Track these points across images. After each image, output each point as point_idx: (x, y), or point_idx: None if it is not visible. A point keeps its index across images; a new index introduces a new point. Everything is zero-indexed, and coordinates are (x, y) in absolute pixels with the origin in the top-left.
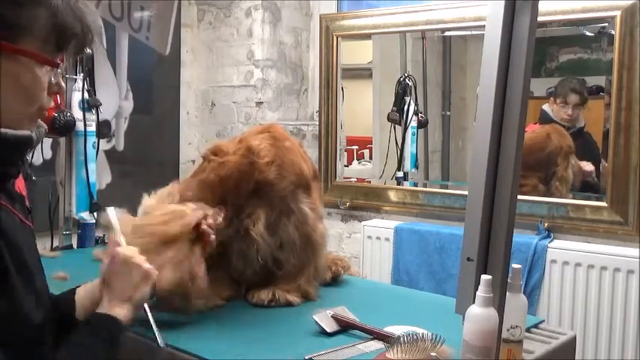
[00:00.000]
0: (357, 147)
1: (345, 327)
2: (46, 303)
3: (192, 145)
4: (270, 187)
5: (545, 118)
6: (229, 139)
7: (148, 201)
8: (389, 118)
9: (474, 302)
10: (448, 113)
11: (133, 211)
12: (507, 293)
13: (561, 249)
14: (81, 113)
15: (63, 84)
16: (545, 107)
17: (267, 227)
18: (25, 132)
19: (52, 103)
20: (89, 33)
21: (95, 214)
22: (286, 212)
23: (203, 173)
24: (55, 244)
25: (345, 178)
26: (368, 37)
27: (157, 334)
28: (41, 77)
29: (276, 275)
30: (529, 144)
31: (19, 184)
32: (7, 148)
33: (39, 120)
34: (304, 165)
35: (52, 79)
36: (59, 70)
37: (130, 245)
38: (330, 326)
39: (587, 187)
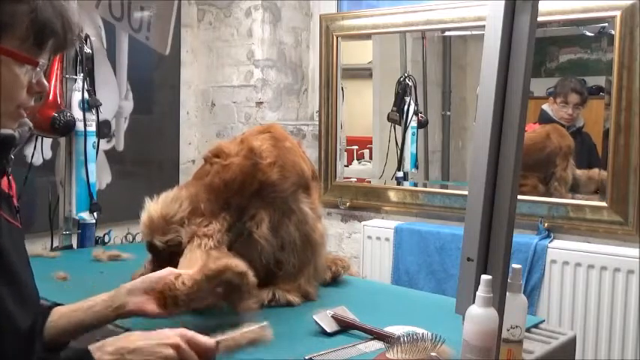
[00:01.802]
0: (357, 147)
1: (345, 327)
2: (35, 307)
3: (192, 145)
4: (272, 188)
5: (544, 118)
6: (230, 140)
7: (152, 205)
8: (389, 118)
9: (474, 302)
10: (448, 113)
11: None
12: (507, 293)
13: (561, 249)
14: (81, 113)
15: (45, 82)
16: (545, 107)
17: (270, 229)
18: (8, 131)
19: (33, 102)
20: (70, 31)
21: (95, 214)
22: (287, 213)
23: (207, 177)
24: (55, 244)
25: (345, 178)
26: (368, 37)
27: None
28: (20, 76)
29: (276, 275)
30: (529, 144)
31: (5, 184)
32: None
33: (21, 118)
34: (304, 165)
35: (33, 77)
36: (39, 69)
37: None
38: (330, 326)
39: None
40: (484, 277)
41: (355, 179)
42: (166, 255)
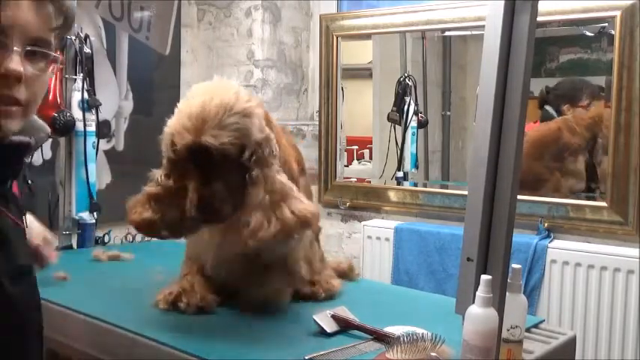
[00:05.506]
0: (357, 147)
1: (345, 327)
2: (33, 314)
3: None
4: None
5: (547, 119)
6: None
7: (201, 95)
8: (389, 118)
9: (473, 302)
10: (448, 113)
11: None
12: (507, 293)
13: (561, 249)
14: (81, 113)
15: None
16: (548, 108)
17: None
18: (24, 137)
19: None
20: None
21: (95, 214)
22: None
23: None
24: (55, 244)
25: (345, 178)
26: (368, 37)
27: None
28: None
29: (264, 270)
30: (545, 134)
31: (15, 187)
32: (4, 153)
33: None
34: (294, 165)
35: None
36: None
37: None
38: (330, 326)
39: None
40: (484, 277)
41: (355, 179)
42: (213, 164)
